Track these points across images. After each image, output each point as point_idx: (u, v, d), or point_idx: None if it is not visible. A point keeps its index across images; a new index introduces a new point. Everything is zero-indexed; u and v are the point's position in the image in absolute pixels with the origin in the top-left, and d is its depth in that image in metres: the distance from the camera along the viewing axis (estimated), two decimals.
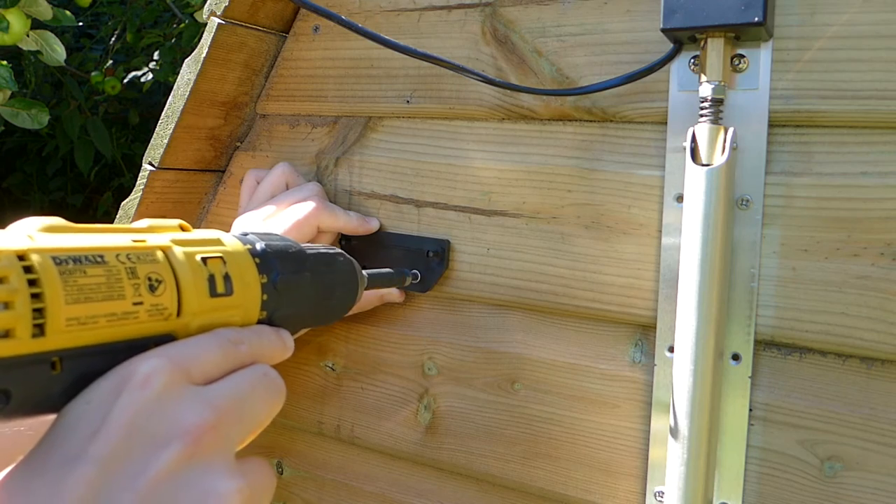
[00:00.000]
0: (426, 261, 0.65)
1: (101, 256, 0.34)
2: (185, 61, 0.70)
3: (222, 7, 0.67)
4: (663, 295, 0.55)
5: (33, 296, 0.31)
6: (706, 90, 0.51)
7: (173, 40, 2.16)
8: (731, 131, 0.51)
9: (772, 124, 0.52)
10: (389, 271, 0.62)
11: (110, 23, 2.41)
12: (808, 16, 0.50)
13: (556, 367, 0.60)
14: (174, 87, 0.70)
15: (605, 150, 0.58)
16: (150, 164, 0.72)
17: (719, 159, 0.50)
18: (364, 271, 0.55)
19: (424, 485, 0.68)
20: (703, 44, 0.51)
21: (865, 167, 0.49)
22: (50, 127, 1.99)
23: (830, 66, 0.50)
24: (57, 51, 1.44)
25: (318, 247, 0.51)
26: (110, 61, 2.34)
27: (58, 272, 0.32)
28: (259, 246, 0.44)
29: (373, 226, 0.67)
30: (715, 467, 0.53)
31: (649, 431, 0.56)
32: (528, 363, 0.62)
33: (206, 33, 0.68)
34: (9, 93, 1.39)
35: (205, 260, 0.39)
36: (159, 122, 0.71)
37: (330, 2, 0.69)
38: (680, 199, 0.54)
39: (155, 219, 0.41)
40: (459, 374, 0.65)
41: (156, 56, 2.22)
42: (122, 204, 0.74)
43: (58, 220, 0.35)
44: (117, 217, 0.75)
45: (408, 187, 0.67)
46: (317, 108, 0.72)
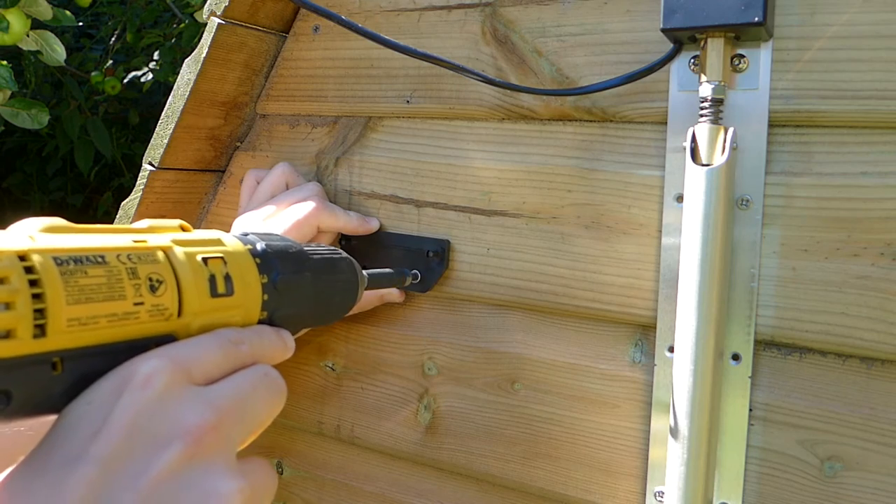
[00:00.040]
0: (426, 261, 0.65)
1: (101, 257, 0.34)
2: (185, 61, 0.70)
3: (222, 7, 0.67)
4: (663, 295, 0.55)
5: (34, 296, 0.31)
6: (706, 90, 0.51)
7: (173, 40, 2.16)
8: (731, 131, 0.51)
9: (772, 124, 0.52)
10: (389, 271, 0.62)
11: (110, 23, 2.41)
12: (808, 16, 0.50)
13: (556, 367, 0.61)
14: (174, 87, 0.70)
15: (605, 150, 0.58)
16: (150, 164, 0.72)
17: (719, 159, 0.50)
18: (364, 271, 0.56)
19: (424, 485, 0.68)
20: (703, 44, 0.51)
21: (865, 167, 0.49)
22: (50, 127, 1.99)
23: (830, 66, 0.50)
24: (57, 51, 1.44)
25: (318, 247, 0.51)
26: (110, 61, 2.34)
27: (59, 273, 0.32)
28: (259, 246, 0.44)
29: (373, 226, 0.67)
30: (715, 467, 0.53)
31: (649, 431, 0.56)
32: (528, 363, 0.62)
33: (206, 33, 0.68)
34: (9, 93, 1.39)
35: (205, 260, 0.39)
36: (159, 122, 0.71)
37: (330, 2, 0.69)
38: (680, 199, 0.54)
39: (155, 219, 0.41)
40: (459, 374, 0.65)
41: (156, 56, 2.22)
42: (122, 204, 0.74)
43: (58, 221, 0.35)
44: (117, 217, 0.75)
45: (408, 187, 0.67)
46: (317, 108, 0.72)
